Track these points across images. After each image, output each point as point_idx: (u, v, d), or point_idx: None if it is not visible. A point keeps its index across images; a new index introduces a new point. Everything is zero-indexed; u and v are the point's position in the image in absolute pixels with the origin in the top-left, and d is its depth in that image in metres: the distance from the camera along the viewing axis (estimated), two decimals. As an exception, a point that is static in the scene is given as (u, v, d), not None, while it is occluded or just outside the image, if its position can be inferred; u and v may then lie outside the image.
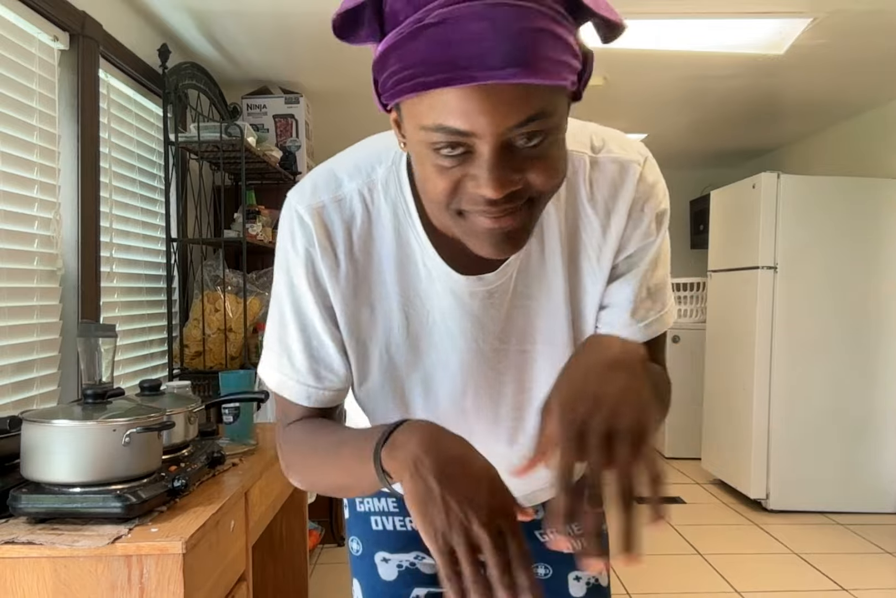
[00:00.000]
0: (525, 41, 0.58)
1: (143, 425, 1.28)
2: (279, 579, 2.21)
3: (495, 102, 0.60)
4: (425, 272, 0.82)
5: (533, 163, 0.65)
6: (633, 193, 0.83)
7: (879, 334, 3.73)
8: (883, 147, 3.92)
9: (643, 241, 0.86)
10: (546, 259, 0.83)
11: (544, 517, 1.02)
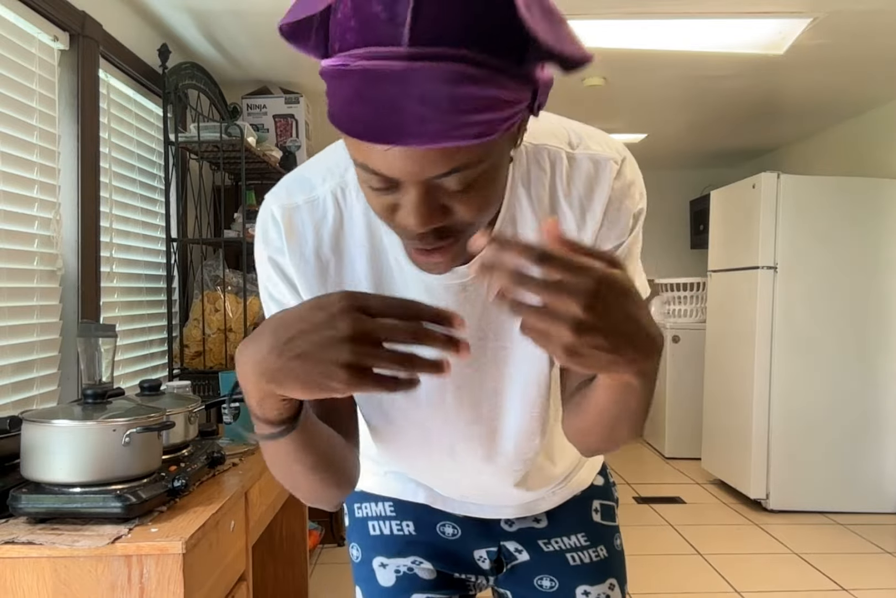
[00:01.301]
0: (444, 108, 0.56)
1: (143, 425, 1.28)
2: (279, 579, 2.21)
3: (416, 159, 0.59)
4: (398, 268, 0.81)
5: (462, 199, 0.64)
6: (608, 192, 0.81)
7: (879, 334, 3.73)
8: (883, 147, 3.92)
9: (617, 240, 0.83)
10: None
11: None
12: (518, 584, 1.06)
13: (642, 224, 0.85)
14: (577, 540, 1.05)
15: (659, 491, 4.24)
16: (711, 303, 4.36)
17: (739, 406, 3.93)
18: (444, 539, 1.05)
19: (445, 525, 1.06)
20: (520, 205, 0.80)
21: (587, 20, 2.62)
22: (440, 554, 1.04)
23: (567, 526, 1.03)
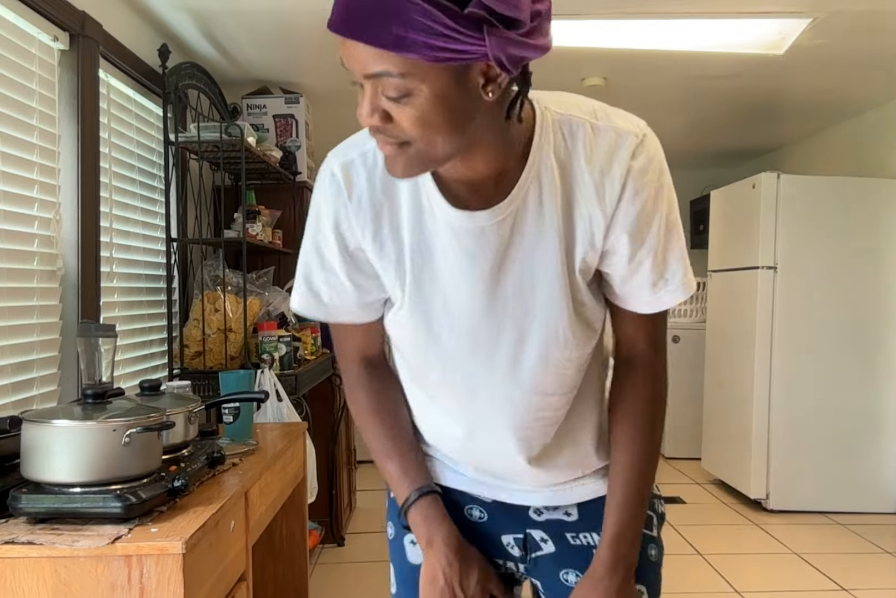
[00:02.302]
0: (375, 13, 0.70)
1: (143, 425, 1.28)
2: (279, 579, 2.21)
3: (356, 55, 0.74)
4: (429, 211, 0.91)
5: (399, 110, 0.76)
6: (628, 162, 0.87)
7: (879, 334, 3.73)
8: (883, 147, 3.92)
9: (645, 216, 0.89)
10: (543, 213, 0.89)
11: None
12: (545, 576, 1.08)
13: (674, 203, 0.91)
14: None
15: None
16: (711, 303, 4.36)
17: (739, 406, 3.93)
18: (471, 521, 1.09)
19: (473, 508, 1.10)
20: (545, 166, 0.88)
21: (587, 20, 2.62)
22: (467, 535, 1.06)
23: (597, 523, 1.03)
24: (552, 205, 0.89)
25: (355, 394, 1.08)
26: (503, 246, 0.90)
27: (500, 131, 0.84)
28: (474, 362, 0.97)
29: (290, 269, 3.23)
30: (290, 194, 3.25)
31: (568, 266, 0.91)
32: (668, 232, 0.91)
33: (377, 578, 3.03)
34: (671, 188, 0.92)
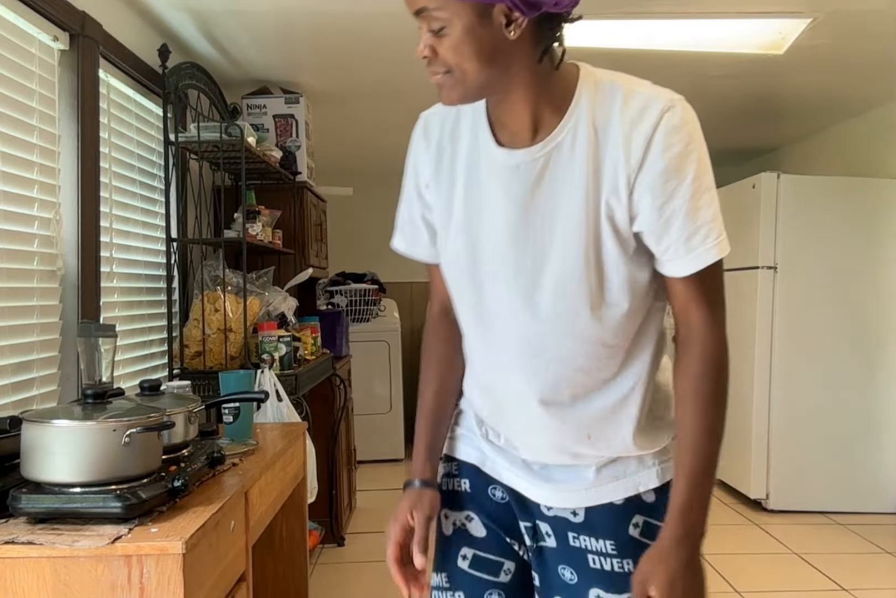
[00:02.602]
0: None
1: (143, 425, 1.28)
2: (279, 579, 2.20)
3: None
4: (482, 149, 1.06)
5: (440, 43, 0.94)
6: (657, 119, 0.96)
7: (879, 334, 3.73)
8: (883, 147, 3.92)
9: (672, 173, 0.96)
10: (574, 160, 0.99)
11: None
12: (545, 567, 1.12)
13: (707, 169, 0.99)
14: (603, 545, 1.08)
15: (659, 491, 4.24)
16: (711, 303, 4.36)
17: (739, 406, 3.93)
18: (494, 501, 1.18)
19: (496, 489, 1.18)
20: (582, 120, 0.99)
21: (587, 20, 2.62)
22: (490, 512, 1.17)
23: (598, 530, 1.08)
24: (584, 154, 0.99)
25: (426, 340, 1.26)
26: (533, 183, 1.01)
27: (536, 76, 0.98)
28: (503, 285, 1.05)
29: (291, 269, 3.24)
30: (290, 194, 3.25)
31: (593, 211, 0.99)
32: (697, 193, 0.97)
33: (377, 578, 3.03)
34: (705, 156, 0.98)
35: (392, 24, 2.65)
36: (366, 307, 4.90)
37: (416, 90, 3.41)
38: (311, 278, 3.47)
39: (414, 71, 3.15)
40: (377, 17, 2.58)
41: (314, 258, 3.45)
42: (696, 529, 1.02)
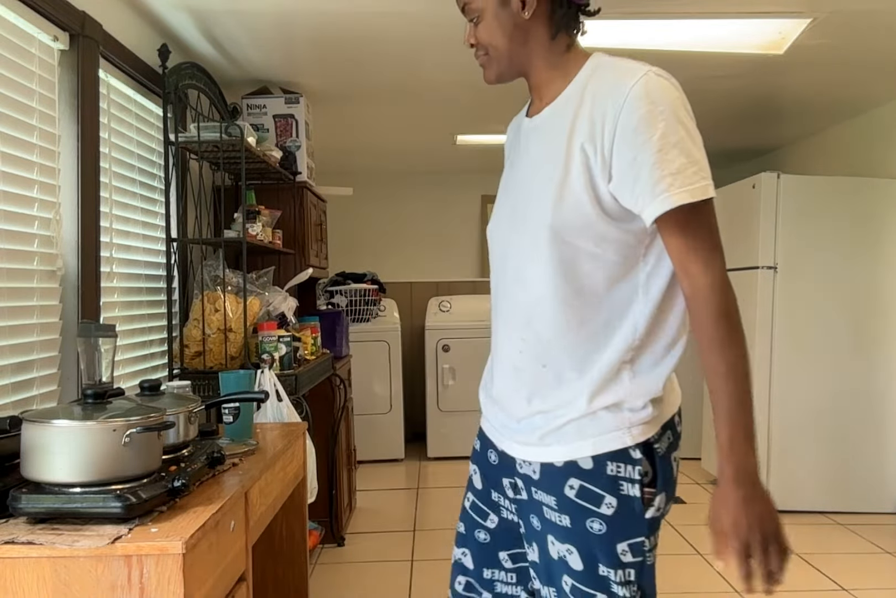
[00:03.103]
0: None
1: (143, 425, 1.28)
2: (279, 579, 2.21)
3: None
4: (522, 118, 1.36)
5: (477, 31, 1.26)
6: (628, 88, 1.12)
7: (879, 334, 3.73)
8: (883, 147, 3.92)
9: (640, 134, 1.10)
10: (564, 119, 1.20)
11: None
12: (523, 517, 1.29)
13: (675, 129, 1.10)
14: (550, 500, 1.22)
15: (659, 491, 4.24)
16: (711, 303, 4.36)
17: (739, 406, 3.93)
18: (489, 462, 1.37)
19: (492, 452, 1.37)
20: (580, 86, 1.20)
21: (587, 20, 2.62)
22: (486, 471, 1.38)
23: (547, 487, 1.22)
24: (571, 116, 1.19)
25: None
26: (532, 140, 1.28)
27: (550, 53, 1.24)
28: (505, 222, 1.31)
29: (291, 269, 3.24)
30: (290, 194, 3.25)
31: (570, 162, 1.16)
32: (665, 148, 1.09)
33: (377, 578, 3.03)
34: (675, 119, 1.10)
35: (392, 24, 2.65)
36: (366, 307, 4.90)
37: (416, 90, 3.41)
38: (311, 278, 3.47)
39: (414, 71, 3.15)
40: (377, 17, 2.58)
41: (314, 258, 3.45)
42: (744, 465, 1.12)
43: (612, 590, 1.17)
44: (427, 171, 5.64)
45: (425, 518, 3.80)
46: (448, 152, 4.92)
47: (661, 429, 1.19)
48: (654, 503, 1.18)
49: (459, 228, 5.75)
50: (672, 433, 1.22)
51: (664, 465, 1.19)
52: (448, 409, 4.98)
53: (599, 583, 1.17)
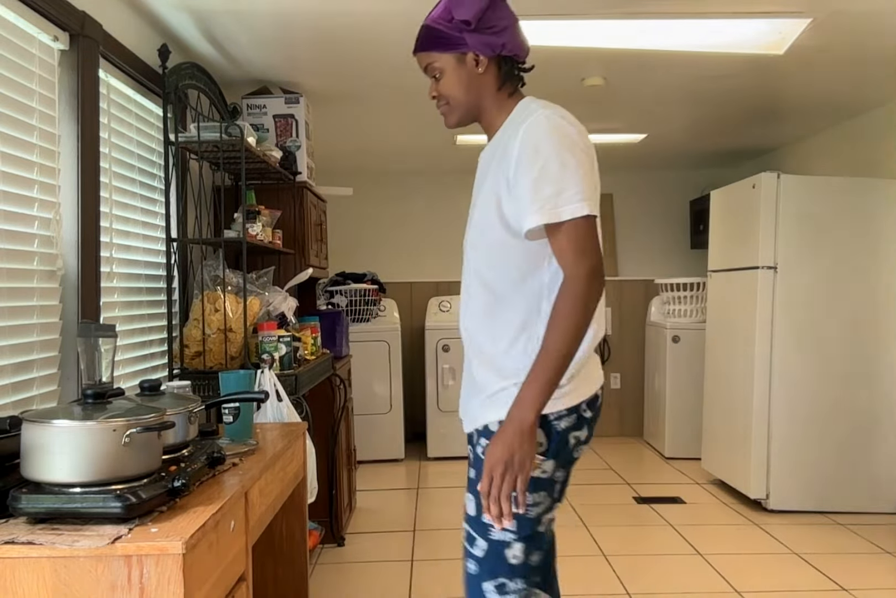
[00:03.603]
0: (418, 36, 1.54)
1: (143, 425, 1.28)
2: (279, 579, 2.21)
3: (418, 61, 1.56)
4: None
5: (440, 85, 1.53)
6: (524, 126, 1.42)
7: (879, 334, 3.73)
8: (883, 147, 3.92)
9: (522, 165, 1.39)
10: (496, 156, 1.48)
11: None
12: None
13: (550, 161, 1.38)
14: (470, 458, 1.54)
15: (659, 491, 4.24)
16: (711, 303, 4.36)
17: (739, 406, 3.93)
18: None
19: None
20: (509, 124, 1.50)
21: (587, 20, 2.62)
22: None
23: (471, 447, 1.54)
24: (493, 151, 1.51)
25: None
26: (479, 172, 1.58)
27: (496, 99, 1.53)
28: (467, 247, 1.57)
29: (291, 269, 3.24)
30: (290, 194, 3.25)
31: (486, 187, 1.49)
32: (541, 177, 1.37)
33: (377, 578, 3.03)
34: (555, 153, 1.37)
35: (392, 24, 2.65)
36: (366, 307, 4.90)
37: (415, 90, 3.41)
38: (311, 278, 3.47)
39: (414, 71, 3.15)
40: (377, 16, 2.58)
41: (314, 258, 3.45)
42: (523, 415, 1.35)
43: (490, 537, 1.44)
44: (427, 171, 5.64)
45: (425, 518, 3.80)
46: (448, 152, 4.92)
47: (567, 411, 1.44)
48: (541, 467, 1.43)
49: (459, 228, 5.74)
50: (577, 417, 1.45)
51: (559, 439, 1.44)
52: (448, 409, 4.98)
53: (481, 528, 1.45)
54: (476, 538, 1.45)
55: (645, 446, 5.38)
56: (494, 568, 1.43)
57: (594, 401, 1.48)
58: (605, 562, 3.15)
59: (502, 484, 1.33)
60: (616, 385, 5.77)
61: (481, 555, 1.44)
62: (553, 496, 1.47)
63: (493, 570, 1.43)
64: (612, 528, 3.58)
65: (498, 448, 1.34)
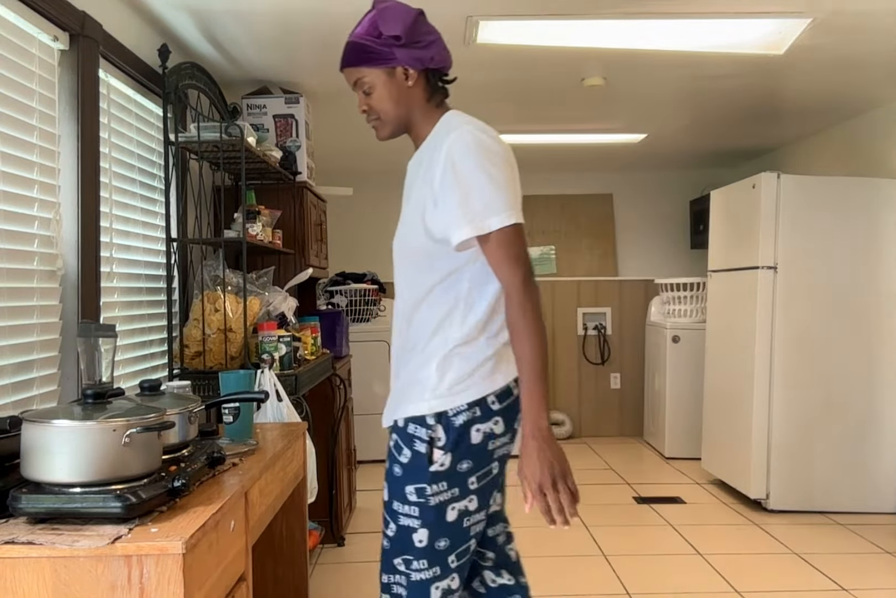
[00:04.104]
0: (346, 54, 1.56)
1: (143, 425, 1.28)
2: (279, 579, 2.21)
3: (346, 75, 1.58)
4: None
5: (369, 100, 1.57)
6: (446, 143, 1.47)
7: (879, 334, 3.73)
8: (883, 147, 3.92)
9: (446, 180, 1.45)
10: (422, 165, 1.55)
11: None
12: None
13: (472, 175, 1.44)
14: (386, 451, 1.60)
15: (659, 491, 4.24)
16: (711, 303, 4.36)
17: (739, 406, 3.93)
18: None
19: None
20: (433, 136, 1.56)
21: (587, 20, 2.62)
22: None
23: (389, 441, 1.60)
24: (420, 162, 1.57)
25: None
26: (407, 181, 1.63)
27: (425, 111, 1.58)
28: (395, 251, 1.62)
29: (291, 269, 3.23)
30: (290, 194, 3.25)
31: (412, 198, 1.55)
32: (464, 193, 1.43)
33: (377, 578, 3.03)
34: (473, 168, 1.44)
35: (392, 24, 2.65)
36: (366, 307, 4.90)
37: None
38: (311, 278, 3.47)
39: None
40: (377, 17, 2.58)
41: (314, 258, 3.45)
42: (538, 424, 1.41)
43: (399, 522, 1.53)
44: (427, 171, 5.63)
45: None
46: (448, 152, 4.92)
47: (468, 405, 1.49)
48: (438, 460, 1.49)
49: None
50: (481, 410, 1.50)
51: (458, 433, 1.49)
52: (448, 409, 4.97)
53: (392, 514, 1.54)
54: (389, 521, 1.55)
55: (645, 446, 5.38)
56: (402, 548, 1.54)
57: (506, 393, 1.52)
58: (605, 562, 3.15)
59: (559, 495, 1.39)
60: (616, 385, 5.77)
61: (392, 535, 1.55)
62: (469, 489, 1.51)
63: (401, 549, 1.54)
64: (612, 528, 3.58)
65: (534, 467, 1.39)
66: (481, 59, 3.05)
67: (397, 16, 1.51)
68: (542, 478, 1.39)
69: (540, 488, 1.39)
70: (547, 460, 1.39)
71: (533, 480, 1.39)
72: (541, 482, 1.39)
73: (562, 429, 5.60)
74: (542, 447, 1.39)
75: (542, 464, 1.39)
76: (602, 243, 5.79)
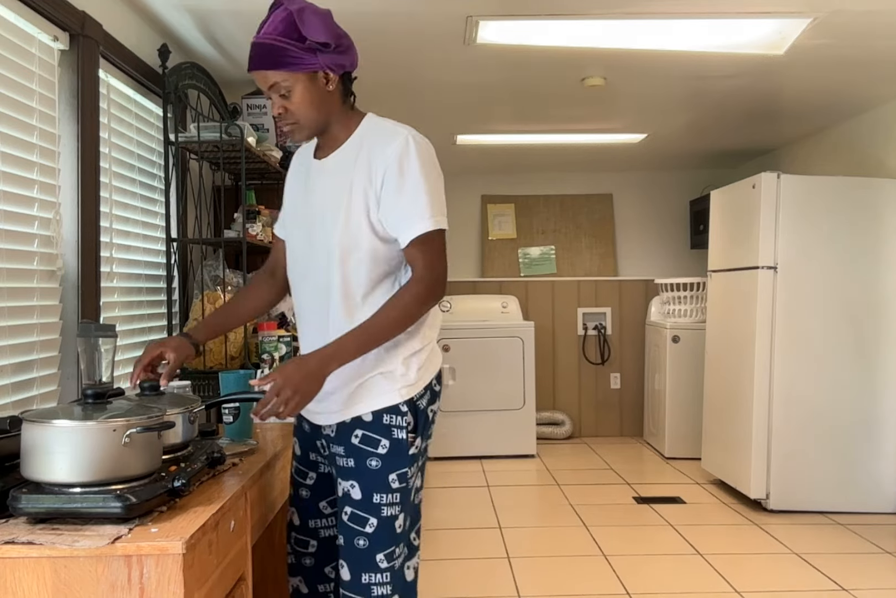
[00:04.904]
0: (263, 55, 1.50)
1: (143, 425, 1.28)
2: (279, 579, 2.21)
3: (259, 78, 1.54)
4: (311, 160, 1.69)
5: (288, 103, 1.55)
6: (393, 145, 1.55)
7: (879, 334, 3.73)
8: (883, 147, 3.92)
9: (392, 184, 1.54)
10: (346, 167, 1.59)
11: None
12: (331, 466, 1.69)
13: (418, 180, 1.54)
14: (340, 450, 1.63)
15: (659, 491, 4.24)
16: (711, 303, 4.36)
17: (739, 406, 3.93)
18: (303, 431, 1.75)
19: (304, 423, 1.74)
20: (356, 143, 1.60)
21: (587, 20, 2.62)
22: (301, 439, 1.77)
23: (339, 441, 1.63)
24: (352, 163, 1.58)
25: None
26: (322, 178, 1.64)
27: (341, 114, 1.61)
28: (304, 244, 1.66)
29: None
30: (290, 194, 3.25)
31: (352, 196, 1.56)
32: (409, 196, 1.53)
33: (377, 578, 3.03)
34: (419, 173, 1.53)
35: (392, 24, 2.65)
36: (366, 307, 4.89)
37: (416, 90, 3.41)
38: (311, 278, 3.46)
39: (414, 71, 3.16)
40: (377, 17, 2.58)
41: (314, 258, 3.44)
42: (333, 363, 1.50)
43: (381, 514, 1.57)
44: (427, 171, 5.63)
45: (425, 518, 3.79)
46: (448, 152, 4.92)
47: (424, 389, 1.61)
48: (416, 443, 1.61)
49: (459, 228, 5.75)
50: (430, 392, 1.64)
51: (422, 416, 1.62)
52: (448, 409, 4.98)
53: (372, 509, 1.57)
54: (368, 517, 1.58)
55: (645, 446, 5.38)
56: (385, 540, 1.57)
57: (439, 375, 1.68)
58: (605, 562, 3.15)
59: (286, 404, 1.45)
60: (616, 385, 5.77)
61: (371, 531, 1.57)
62: (420, 467, 1.66)
63: (384, 541, 1.57)
64: (612, 528, 3.58)
65: (298, 375, 1.47)
66: (481, 59, 3.05)
67: (319, 20, 1.50)
68: (292, 385, 1.45)
69: (281, 388, 1.44)
70: (309, 380, 1.46)
71: (287, 381, 1.45)
72: (287, 385, 1.45)
73: (562, 429, 5.60)
74: (315, 374, 1.47)
75: (304, 379, 1.46)
76: (602, 243, 5.79)
